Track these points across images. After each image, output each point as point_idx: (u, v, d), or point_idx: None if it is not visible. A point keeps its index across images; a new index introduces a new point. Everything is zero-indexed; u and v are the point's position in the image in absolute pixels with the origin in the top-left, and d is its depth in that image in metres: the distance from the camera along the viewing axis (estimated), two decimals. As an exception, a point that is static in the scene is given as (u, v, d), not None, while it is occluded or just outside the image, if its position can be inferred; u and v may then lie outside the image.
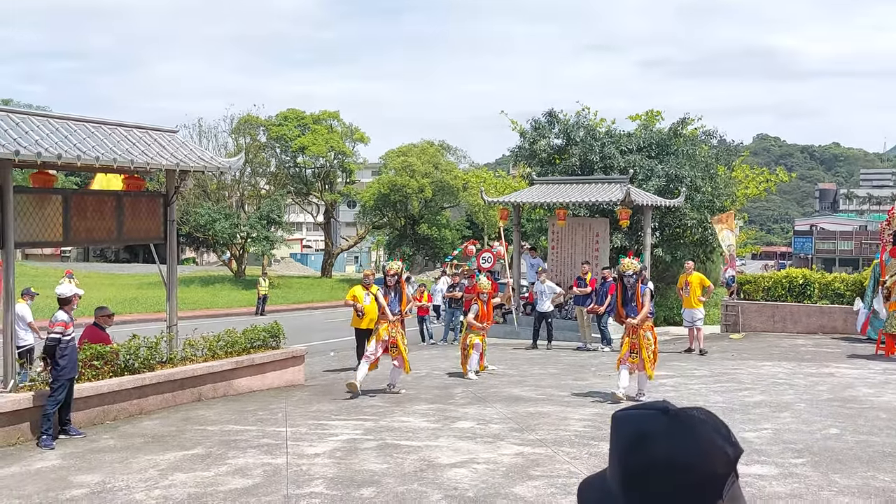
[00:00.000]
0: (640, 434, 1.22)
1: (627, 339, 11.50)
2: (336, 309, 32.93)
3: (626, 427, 1.25)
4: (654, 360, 11.65)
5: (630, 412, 1.29)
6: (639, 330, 11.40)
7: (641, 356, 11.34)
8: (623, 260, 11.88)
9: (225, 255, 50.09)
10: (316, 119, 51.82)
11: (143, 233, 11.96)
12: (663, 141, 25.60)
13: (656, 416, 1.24)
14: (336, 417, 10.67)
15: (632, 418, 1.26)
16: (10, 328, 10.06)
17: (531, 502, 6.99)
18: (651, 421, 1.23)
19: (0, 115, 9.97)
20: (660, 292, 21.57)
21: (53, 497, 7.33)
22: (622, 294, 11.69)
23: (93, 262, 64.15)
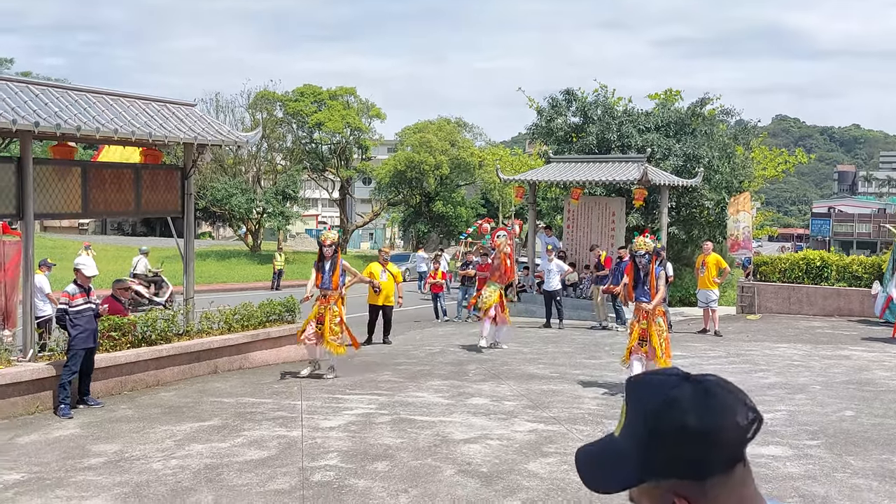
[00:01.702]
0: (668, 400, 1.25)
1: (637, 325, 10.70)
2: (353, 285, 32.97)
3: (651, 392, 1.27)
4: (666, 350, 10.67)
5: (651, 378, 1.30)
6: (650, 316, 10.56)
7: (652, 344, 10.43)
8: (637, 238, 11.11)
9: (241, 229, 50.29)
10: (332, 95, 51.73)
11: (161, 206, 12.01)
12: (682, 120, 25.41)
13: (679, 383, 1.27)
14: (350, 392, 10.73)
15: (655, 384, 1.28)
16: (29, 299, 10.16)
17: (545, 479, 7.03)
18: (676, 387, 1.26)
19: (20, 86, 10.01)
20: (674, 273, 21.48)
21: (72, 465, 7.42)
22: (633, 275, 10.92)
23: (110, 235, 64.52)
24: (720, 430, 1.22)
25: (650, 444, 1.24)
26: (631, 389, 1.30)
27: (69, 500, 6.46)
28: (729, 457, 1.23)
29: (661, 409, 1.24)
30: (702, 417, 1.22)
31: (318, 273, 11.74)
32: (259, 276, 35.66)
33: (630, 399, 1.30)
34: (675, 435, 1.22)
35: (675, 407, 1.23)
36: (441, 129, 51.46)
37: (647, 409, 1.26)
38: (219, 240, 66.80)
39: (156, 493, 6.63)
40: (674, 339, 16.17)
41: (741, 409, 1.24)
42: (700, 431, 1.21)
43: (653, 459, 1.24)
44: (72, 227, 64.81)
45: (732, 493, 1.24)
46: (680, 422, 1.22)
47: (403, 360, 13.38)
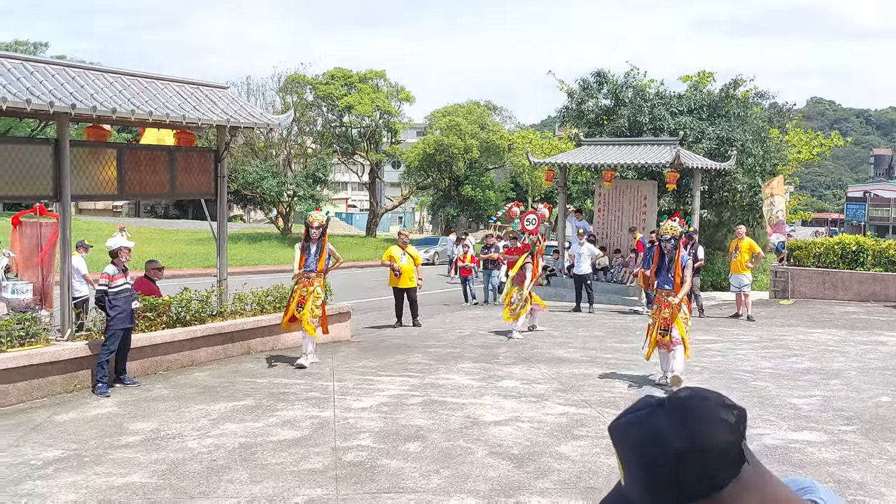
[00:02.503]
0: (651, 433, 1.21)
1: (659, 314, 10.11)
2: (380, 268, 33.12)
3: (631, 433, 1.24)
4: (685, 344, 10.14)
5: (626, 419, 1.27)
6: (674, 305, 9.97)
7: (679, 333, 9.89)
8: (665, 222, 10.49)
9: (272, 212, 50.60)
10: (362, 78, 51.70)
11: (195, 188, 12.11)
12: (714, 102, 25.07)
13: (654, 412, 1.23)
14: (382, 373, 10.80)
15: (632, 422, 1.25)
16: (67, 279, 10.32)
17: (576, 461, 7.03)
18: (652, 418, 1.23)
19: (56, 69, 10.12)
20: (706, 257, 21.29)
21: (109, 443, 7.55)
22: (658, 260, 10.32)
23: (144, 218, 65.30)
24: (712, 440, 1.19)
25: (654, 484, 1.21)
26: (614, 438, 1.27)
27: (108, 476, 6.58)
28: (732, 461, 1.21)
29: (647, 446, 1.21)
30: (689, 437, 1.19)
31: (303, 254, 11.40)
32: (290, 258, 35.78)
33: (617, 447, 1.27)
34: (672, 465, 1.19)
35: (659, 438, 1.20)
36: (471, 113, 51.28)
37: (635, 451, 1.23)
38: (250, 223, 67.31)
39: (192, 470, 6.73)
40: (705, 323, 16.12)
41: (724, 412, 1.22)
42: (694, 451, 1.18)
43: (663, 496, 1.21)
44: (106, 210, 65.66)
45: (749, 492, 1.21)
46: (671, 451, 1.19)
47: (433, 343, 13.42)
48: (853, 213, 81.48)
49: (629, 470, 1.24)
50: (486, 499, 6.09)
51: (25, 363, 9.05)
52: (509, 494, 6.19)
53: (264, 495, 6.14)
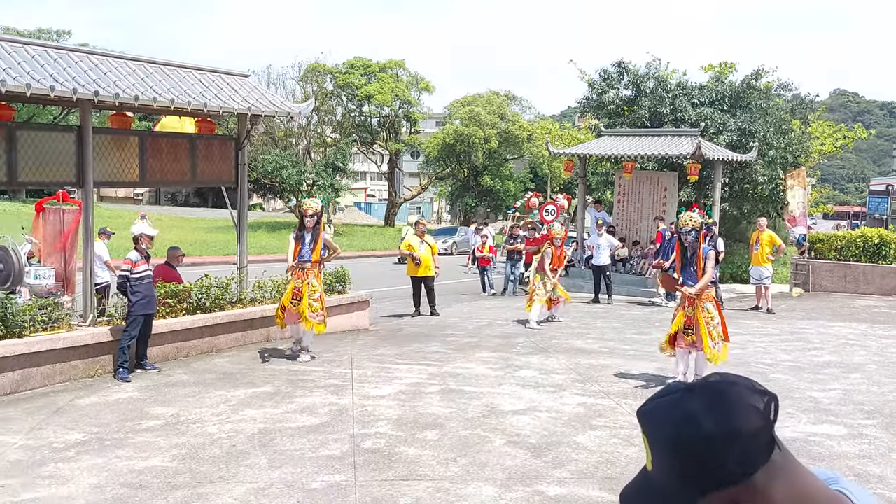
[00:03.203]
0: (681, 417, 1.21)
1: (682, 311, 9.50)
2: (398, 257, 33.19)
3: (662, 417, 1.24)
4: (724, 334, 9.52)
5: (656, 403, 1.27)
6: (696, 301, 9.38)
7: (699, 332, 9.27)
8: (683, 213, 9.91)
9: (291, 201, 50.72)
10: (382, 67, 51.72)
11: (216, 175, 12.17)
12: (736, 94, 24.87)
13: (685, 396, 1.23)
14: (400, 362, 10.83)
15: (663, 406, 1.25)
16: (89, 265, 10.42)
17: (594, 451, 7.03)
18: (683, 402, 1.22)
19: (80, 56, 10.19)
20: (727, 248, 21.16)
21: (130, 427, 7.63)
22: (681, 255, 9.69)
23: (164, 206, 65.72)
24: (743, 424, 1.19)
25: (684, 468, 1.21)
26: (643, 422, 1.27)
27: (129, 459, 6.66)
28: (762, 446, 1.20)
29: (678, 430, 1.21)
30: (720, 421, 1.19)
31: (297, 244, 10.85)
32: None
33: (647, 431, 1.26)
34: (703, 448, 1.19)
35: (691, 422, 1.20)
36: (490, 103, 51.18)
37: (666, 435, 1.22)
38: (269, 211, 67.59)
39: (212, 455, 6.79)
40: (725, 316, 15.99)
41: (754, 397, 1.21)
42: (724, 435, 1.18)
43: (693, 481, 1.20)
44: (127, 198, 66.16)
45: (779, 479, 1.21)
46: (703, 434, 1.19)
47: (451, 332, 13.45)
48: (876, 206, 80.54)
49: (658, 455, 1.24)
50: (503, 487, 6.11)
51: (48, 347, 9.16)
52: (527, 483, 6.20)
53: (283, 481, 6.18)
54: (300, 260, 10.74)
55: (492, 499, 5.88)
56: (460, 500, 5.84)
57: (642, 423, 1.26)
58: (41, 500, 5.75)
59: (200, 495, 5.86)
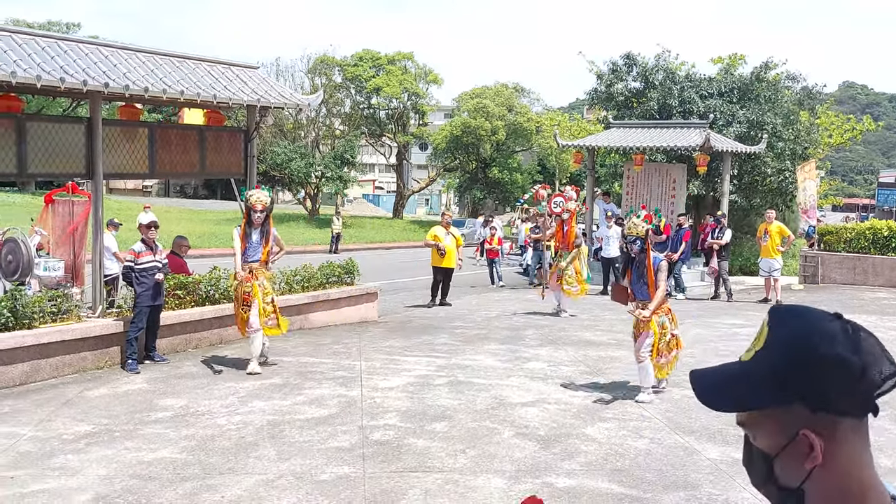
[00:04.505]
0: (821, 330, 1.24)
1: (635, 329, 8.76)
2: (407, 249, 33.23)
3: (803, 321, 1.27)
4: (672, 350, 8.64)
5: (803, 309, 1.30)
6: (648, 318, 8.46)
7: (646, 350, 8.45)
8: (629, 219, 8.97)
9: (299, 193, 50.79)
10: (390, 60, 51.60)
11: (225, 167, 12.17)
12: (745, 86, 24.76)
13: (832, 318, 1.26)
14: (408, 353, 10.83)
15: (809, 314, 1.28)
16: (98, 257, 10.44)
17: (603, 443, 7.02)
18: (828, 321, 1.25)
19: (90, 48, 10.19)
20: (736, 241, 21.09)
21: (140, 418, 7.66)
22: (631, 269, 8.78)
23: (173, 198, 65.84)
24: (866, 368, 1.21)
25: (793, 370, 1.23)
26: (779, 317, 1.29)
27: (138, 451, 6.68)
28: (865, 401, 1.22)
29: (812, 336, 1.23)
30: (852, 352, 1.21)
31: (243, 242, 9.84)
32: (317, 239, 36.05)
33: (776, 325, 1.28)
34: (822, 363, 1.21)
35: (826, 337, 1.23)
36: (498, 95, 50.99)
37: (796, 335, 1.25)
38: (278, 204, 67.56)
39: (221, 446, 6.80)
40: (734, 308, 15.99)
41: (884, 360, 1.24)
42: (848, 364, 1.20)
43: (792, 385, 1.23)
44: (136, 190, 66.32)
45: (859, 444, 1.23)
46: (831, 351, 1.21)
47: (460, 324, 13.44)
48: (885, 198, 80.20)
49: (771, 348, 1.26)
50: (512, 479, 6.11)
51: (57, 339, 9.19)
52: (535, 475, 6.20)
53: (292, 472, 6.19)
54: (247, 260, 9.83)
55: (501, 491, 5.88)
56: (469, 492, 5.84)
57: (776, 316, 1.29)
58: (50, 492, 5.77)
59: (209, 487, 5.87)
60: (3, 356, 8.69)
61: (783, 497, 1.28)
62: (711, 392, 1.31)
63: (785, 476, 1.26)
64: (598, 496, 5.78)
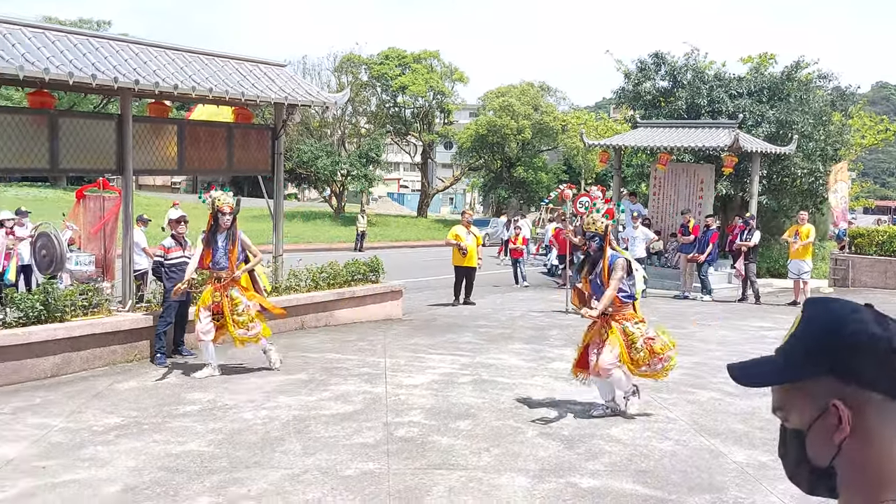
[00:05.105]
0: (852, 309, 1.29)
1: (589, 331, 7.95)
2: (431, 248, 33.26)
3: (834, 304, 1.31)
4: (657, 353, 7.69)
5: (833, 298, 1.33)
6: (610, 321, 7.70)
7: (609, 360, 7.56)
8: (587, 214, 8.30)
9: (325, 191, 51.03)
10: (416, 58, 51.68)
11: (252, 164, 12.27)
12: (775, 85, 24.51)
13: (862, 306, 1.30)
14: (433, 351, 10.86)
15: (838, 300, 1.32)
16: (128, 252, 10.57)
17: (627, 444, 7.00)
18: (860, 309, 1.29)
19: (121, 45, 10.32)
20: (764, 243, 20.90)
21: (168, 412, 7.74)
22: (588, 265, 8.00)
23: (200, 195, 66.35)
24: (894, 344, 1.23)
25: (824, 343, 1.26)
26: (812, 303, 1.34)
27: (166, 444, 6.76)
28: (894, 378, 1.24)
29: (842, 313, 1.28)
30: (881, 329, 1.24)
31: (208, 249, 9.15)
32: (342, 237, 36.22)
33: (809, 309, 1.33)
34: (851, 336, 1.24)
35: (856, 315, 1.27)
36: (524, 94, 50.88)
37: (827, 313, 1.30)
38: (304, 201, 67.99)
39: (247, 440, 6.87)
40: (762, 311, 15.85)
41: None
42: (877, 339, 1.23)
43: (822, 357, 1.26)
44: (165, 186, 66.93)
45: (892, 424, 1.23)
46: (859, 326, 1.25)
47: (484, 323, 13.44)
48: (918, 201, 79.02)
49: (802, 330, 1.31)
50: (536, 478, 6.11)
51: (88, 332, 9.32)
52: (559, 475, 6.19)
53: (317, 467, 6.24)
54: (216, 268, 9.19)
55: (524, 490, 5.89)
56: (493, 490, 5.85)
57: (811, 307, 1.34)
58: (81, 482, 5.86)
59: (236, 480, 5.93)
60: (36, 348, 8.83)
61: (815, 480, 1.30)
62: (747, 370, 1.34)
63: (816, 454, 1.27)
64: (622, 497, 5.77)
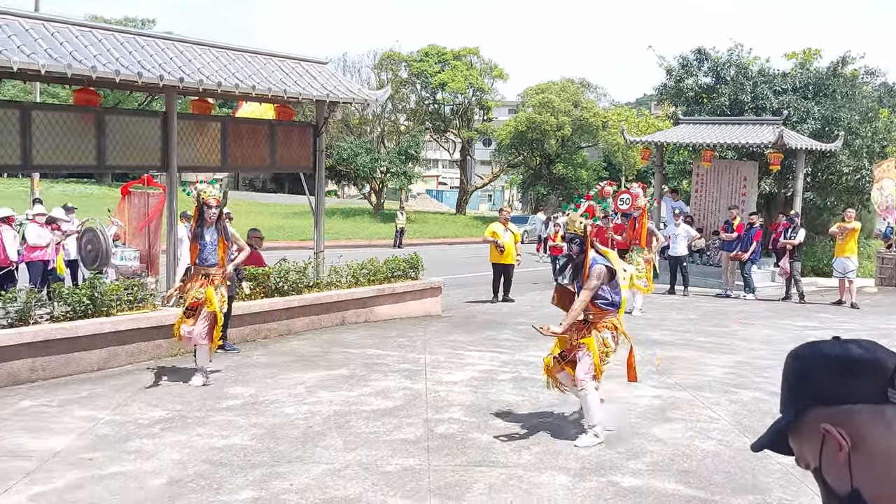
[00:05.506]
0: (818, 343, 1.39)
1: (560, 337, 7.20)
2: (469, 245, 33.28)
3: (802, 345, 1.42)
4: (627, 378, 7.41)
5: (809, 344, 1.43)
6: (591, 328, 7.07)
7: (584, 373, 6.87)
8: (567, 213, 7.72)
9: (364, 188, 51.27)
10: (456, 55, 51.66)
11: (294, 161, 12.37)
12: (821, 81, 24.11)
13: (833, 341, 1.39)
14: (472, 348, 10.86)
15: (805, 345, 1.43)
16: (172, 248, 10.72)
17: (669, 444, 6.94)
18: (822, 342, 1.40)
19: (166, 43, 10.46)
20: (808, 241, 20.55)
21: (211, 405, 7.84)
22: (572, 270, 7.32)
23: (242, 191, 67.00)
24: (861, 359, 1.32)
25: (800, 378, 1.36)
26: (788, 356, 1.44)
27: (210, 437, 6.84)
28: (875, 388, 1.29)
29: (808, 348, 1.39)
30: (844, 351, 1.34)
31: (195, 244, 8.69)
32: (382, 233, 36.38)
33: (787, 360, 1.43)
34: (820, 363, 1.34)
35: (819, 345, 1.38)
36: (564, 90, 50.61)
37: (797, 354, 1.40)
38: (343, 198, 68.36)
39: (289, 435, 6.93)
40: (806, 310, 15.60)
41: (886, 354, 1.33)
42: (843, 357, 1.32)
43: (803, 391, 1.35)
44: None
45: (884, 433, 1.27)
46: (825, 352, 1.35)
47: (523, 321, 13.39)
48: (968, 199, 77.04)
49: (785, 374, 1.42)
50: (576, 476, 6.08)
51: (133, 326, 9.47)
52: (601, 473, 6.16)
53: (358, 462, 6.27)
54: (204, 264, 8.71)
55: (565, 488, 5.86)
56: (533, 489, 5.83)
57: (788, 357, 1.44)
58: (127, 474, 5.96)
59: (278, 474, 5.99)
60: (83, 342, 9.00)
61: None
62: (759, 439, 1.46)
63: (837, 483, 1.32)
64: (664, 497, 5.72)
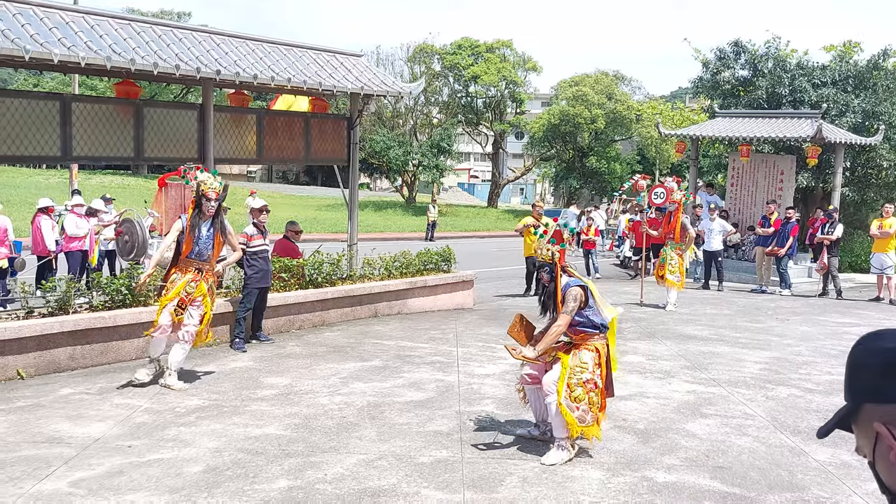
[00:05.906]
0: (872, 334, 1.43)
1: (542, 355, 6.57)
2: (500, 239, 33.23)
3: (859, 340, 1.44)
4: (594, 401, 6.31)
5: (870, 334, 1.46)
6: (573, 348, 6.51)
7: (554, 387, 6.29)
8: (536, 241, 6.89)
9: (397, 181, 51.39)
10: (489, 48, 51.54)
11: (328, 154, 12.44)
12: (861, 74, 23.68)
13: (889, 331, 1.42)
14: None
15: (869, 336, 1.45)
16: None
17: (704, 439, 6.89)
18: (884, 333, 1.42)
19: (202, 36, 10.56)
20: (846, 237, 20.24)
21: (246, 395, 7.93)
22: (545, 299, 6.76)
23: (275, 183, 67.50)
24: None
25: (854, 375, 1.39)
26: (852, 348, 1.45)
27: (245, 426, 6.92)
28: None
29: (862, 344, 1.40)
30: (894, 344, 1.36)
31: (189, 236, 8.21)
32: (414, 226, 36.44)
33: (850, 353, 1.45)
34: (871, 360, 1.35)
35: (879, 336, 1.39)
36: (598, 82, 50.26)
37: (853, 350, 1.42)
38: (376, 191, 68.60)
39: (323, 425, 6.98)
40: (843, 306, 15.38)
41: None
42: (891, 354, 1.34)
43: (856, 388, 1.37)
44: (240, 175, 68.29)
45: None
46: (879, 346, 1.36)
47: (557, 314, 13.36)
48: None
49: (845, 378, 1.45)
50: (610, 471, 6.06)
51: (170, 316, 9.56)
52: (634, 468, 6.13)
53: (392, 453, 6.31)
54: (198, 258, 8.30)
55: (598, 482, 5.84)
56: (567, 482, 5.82)
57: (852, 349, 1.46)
58: (165, 462, 6.05)
59: (313, 464, 6.04)
60: (122, 331, 9.13)
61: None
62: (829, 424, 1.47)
63: (889, 479, 1.34)
64: (699, 493, 5.68)
